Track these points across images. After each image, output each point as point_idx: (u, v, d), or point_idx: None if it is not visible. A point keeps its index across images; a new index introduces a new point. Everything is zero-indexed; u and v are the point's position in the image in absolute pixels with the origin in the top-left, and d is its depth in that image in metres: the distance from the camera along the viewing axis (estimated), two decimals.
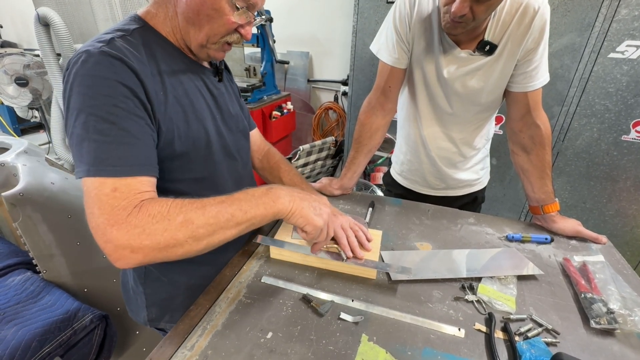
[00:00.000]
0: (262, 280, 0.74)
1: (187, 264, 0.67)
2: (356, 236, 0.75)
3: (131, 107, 0.54)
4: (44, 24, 2.25)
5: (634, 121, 1.62)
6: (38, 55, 2.71)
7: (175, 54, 0.65)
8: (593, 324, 0.64)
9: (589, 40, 1.58)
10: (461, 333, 0.63)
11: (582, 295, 0.71)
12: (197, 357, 0.57)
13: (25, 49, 3.68)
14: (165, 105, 0.60)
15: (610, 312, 0.65)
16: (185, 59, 0.67)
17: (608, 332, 0.64)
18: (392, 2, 0.96)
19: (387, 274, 0.77)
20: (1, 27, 4.65)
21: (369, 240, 0.77)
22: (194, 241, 0.53)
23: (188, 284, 0.78)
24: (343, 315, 0.65)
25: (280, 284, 0.73)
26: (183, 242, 0.53)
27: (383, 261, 0.80)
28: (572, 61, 1.64)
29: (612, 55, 1.57)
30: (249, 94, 2.31)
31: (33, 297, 1.08)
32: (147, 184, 0.55)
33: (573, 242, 0.93)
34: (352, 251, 0.73)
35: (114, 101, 0.52)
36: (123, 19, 0.65)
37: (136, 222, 0.50)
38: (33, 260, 1.13)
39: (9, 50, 3.22)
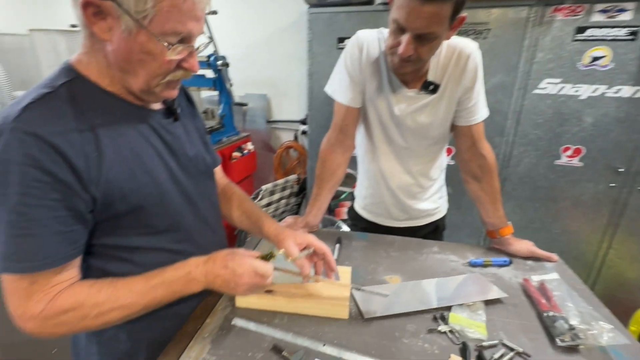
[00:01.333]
0: (232, 323, 0.70)
1: (147, 318, 0.62)
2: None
3: (44, 193, 0.50)
4: None
5: (562, 147, 1.83)
6: None
7: (114, 104, 0.59)
8: (558, 342, 0.66)
9: (516, 79, 1.80)
10: None
11: (545, 314, 0.73)
12: None
13: None
14: (99, 169, 0.54)
15: (571, 328, 0.68)
16: (127, 107, 0.61)
17: (573, 349, 0.66)
18: (343, 48, 1.03)
19: (360, 312, 0.75)
20: None
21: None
22: (105, 324, 0.58)
23: (150, 340, 0.69)
24: None
25: (252, 326, 0.70)
26: (95, 327, 0.58)
27: (355, 300, 0.78)
28: (505, 97, 1.85)
29: (536, 91, 1.79)
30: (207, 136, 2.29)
31: None
32: (68, 269, 0.55)
33: (529, 262, 0.97)
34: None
35: (24, 189, 0.49)
36: (57, 68, 0.59)
37: (54, 311, 0.53)
38: None
39: None
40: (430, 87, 0.96)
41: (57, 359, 1.10)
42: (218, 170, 0.92)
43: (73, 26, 2.34)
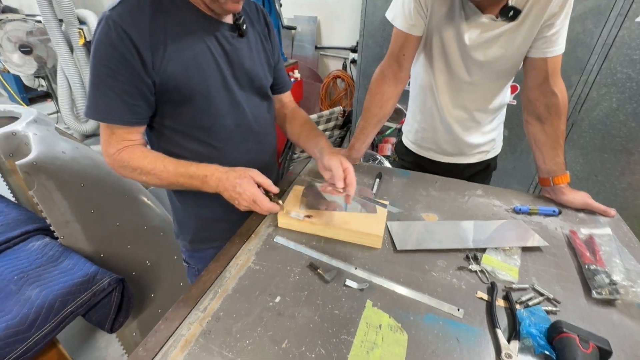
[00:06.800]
0: (274, 240, 0.79)
1: (194, 197, 0.85)
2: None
3: (117, 68, 0.66)
4: None
5: None
6: (40, 22, 2.65)
7: (190, 10, 0.72)
8: (594, 294, 0.65)
9: (617, 1, 1.48)
10: (460, 313, 0.62)
11: (586, 266, 0.71)
12: (210, 317, 0.61)
13: (26, 15, 3.60)
14: (162, 60, 0.69)
15: (612, 283, 0.66)
16: (200, 16, 0.73)
17: (609, 302, 0.65)
18: None
19: (393, 243, 0.78)
20: None
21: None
22: (147, 182, 0.76)
23: (197, 213, 0.93)
24: (348, 282, 0.67)
25: (291, 245, 0.77)
26: (142, 181, 0.77)
27: (389, 233, 0.81)
28: (596, 26, 1.55)
29: None
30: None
31: (53, 261, 1.13)
32: (133, 133, 0.74)
33: (581, 214, 0.92)
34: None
35: (103, 61, 0.66)
36: None
37: (119, 159, 0.74)
38: (50, 227, 1.17)
39: (10, 15, 3.15)
40: (510, 13, 0.83)
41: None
42: (287, 95, 1.04)
43: None
